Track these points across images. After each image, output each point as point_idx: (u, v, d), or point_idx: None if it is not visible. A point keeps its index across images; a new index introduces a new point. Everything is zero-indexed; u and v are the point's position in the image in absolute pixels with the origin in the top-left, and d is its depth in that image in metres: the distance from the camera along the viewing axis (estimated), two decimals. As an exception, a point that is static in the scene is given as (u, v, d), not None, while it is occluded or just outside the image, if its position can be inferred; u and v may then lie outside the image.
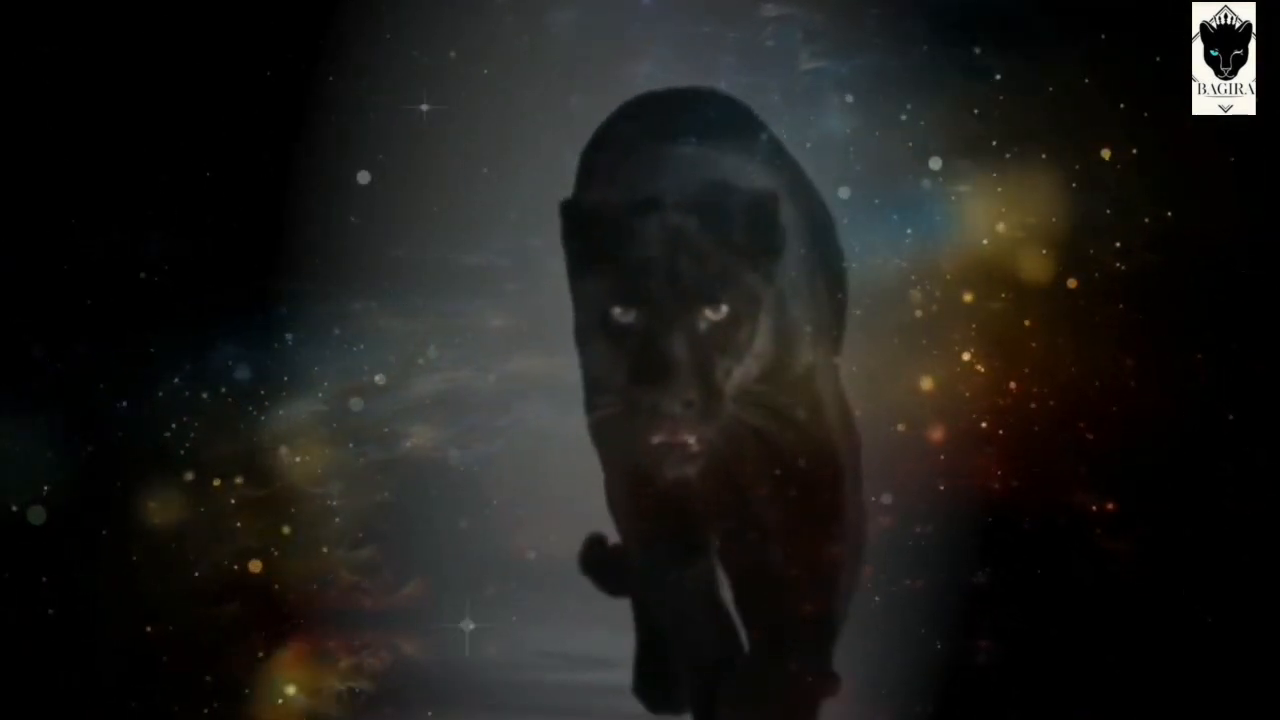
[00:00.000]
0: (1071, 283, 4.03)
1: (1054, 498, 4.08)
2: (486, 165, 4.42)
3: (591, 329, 3.04)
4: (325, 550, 4.29)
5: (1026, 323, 4.09)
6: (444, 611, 4.26)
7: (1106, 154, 4.01)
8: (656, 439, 2.95)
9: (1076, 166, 4.08)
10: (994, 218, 4.09)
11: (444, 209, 4.42)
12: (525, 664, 4.35)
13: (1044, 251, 4.08)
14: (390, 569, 4.38)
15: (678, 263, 2.97)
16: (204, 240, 4.25)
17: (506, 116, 4.41)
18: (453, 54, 4.33)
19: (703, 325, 2.97)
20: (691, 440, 2.95)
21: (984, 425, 4.09)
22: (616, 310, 2.98)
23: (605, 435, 3.26)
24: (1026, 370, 4.08)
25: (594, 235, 3.03)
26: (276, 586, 4.19)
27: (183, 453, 4.17)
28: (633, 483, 3.26)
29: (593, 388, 3.20)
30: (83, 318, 4.19)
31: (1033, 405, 4.08)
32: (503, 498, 4.56)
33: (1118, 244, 4.08)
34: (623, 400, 2.96)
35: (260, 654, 4.15)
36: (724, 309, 2.97)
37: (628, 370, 2.95)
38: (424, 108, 4.28)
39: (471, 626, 4.16)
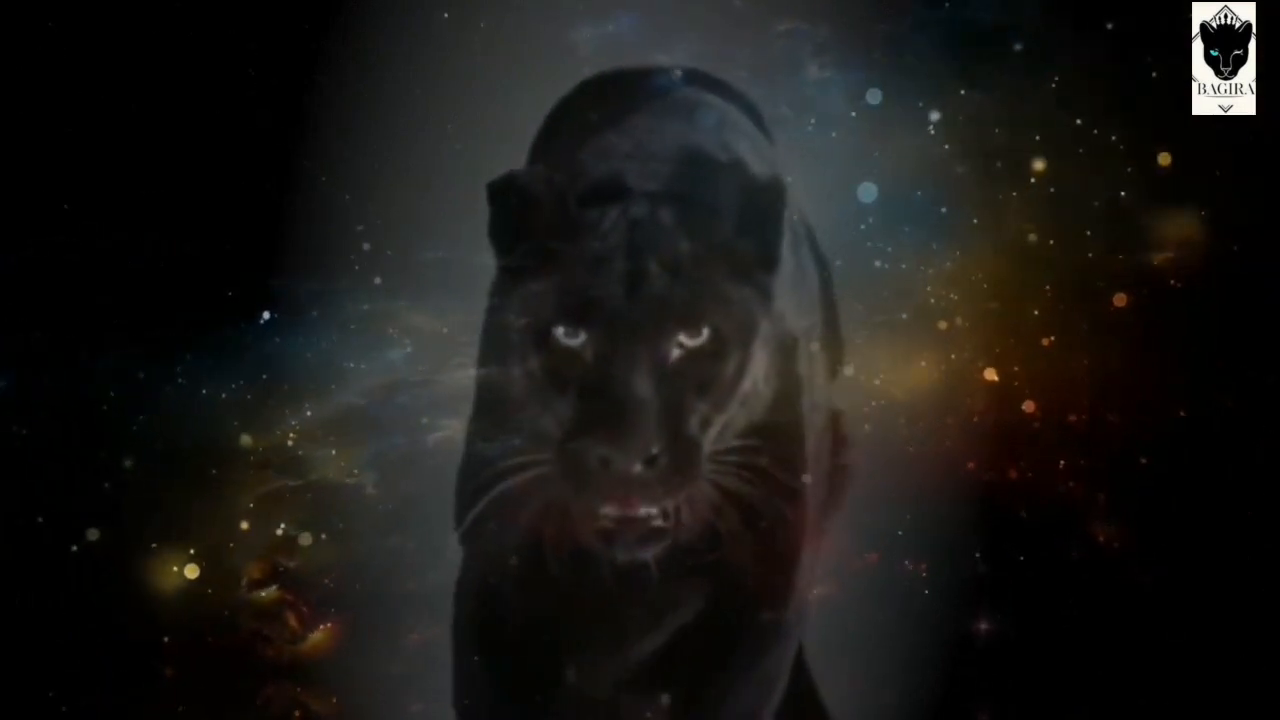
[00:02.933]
0: (1121, 299, 4.04)
1: (1072, 525, 4.05)
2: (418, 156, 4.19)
3: (519, 355, 2.45)
4: (219, 592, 4.05)
5: (1045, 341, 4.07)
6: (359, 662, 4.07)
7: (1166, 159, 4.04)
8: (606, 509, 2.38)
9: (1076, 169, 4.12)
10: (1002, 226, 4.13)
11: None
12: (451, 720, 4.18)
13: (1043, 261, 4.11)
14: (295, 613, 4.12)
15: (644, 268, 2.40)
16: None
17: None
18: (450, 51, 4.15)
19: (676, 354, 2.40)
20: (653, 511, 2.39)
21: (995, 442, 4.06)
22: (560, 331, 2.41)
23: (508, 506, 2.57)
24: (1044, 384, 4.07)
25: (533, 229, 2.45)
26: (165, 635, 3.98)
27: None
28: (524, 582, 2.64)
29: (497, 432, 2.57)
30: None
31: (1049, 420, 4.07)
32: (426, 528, 4.17)
33: (1121, 253, 4.10)
34: (559, 454, 2.37)
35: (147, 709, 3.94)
36: (705, 332, 2.41)
37: (572, 414, 2.38)
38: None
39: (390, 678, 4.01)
